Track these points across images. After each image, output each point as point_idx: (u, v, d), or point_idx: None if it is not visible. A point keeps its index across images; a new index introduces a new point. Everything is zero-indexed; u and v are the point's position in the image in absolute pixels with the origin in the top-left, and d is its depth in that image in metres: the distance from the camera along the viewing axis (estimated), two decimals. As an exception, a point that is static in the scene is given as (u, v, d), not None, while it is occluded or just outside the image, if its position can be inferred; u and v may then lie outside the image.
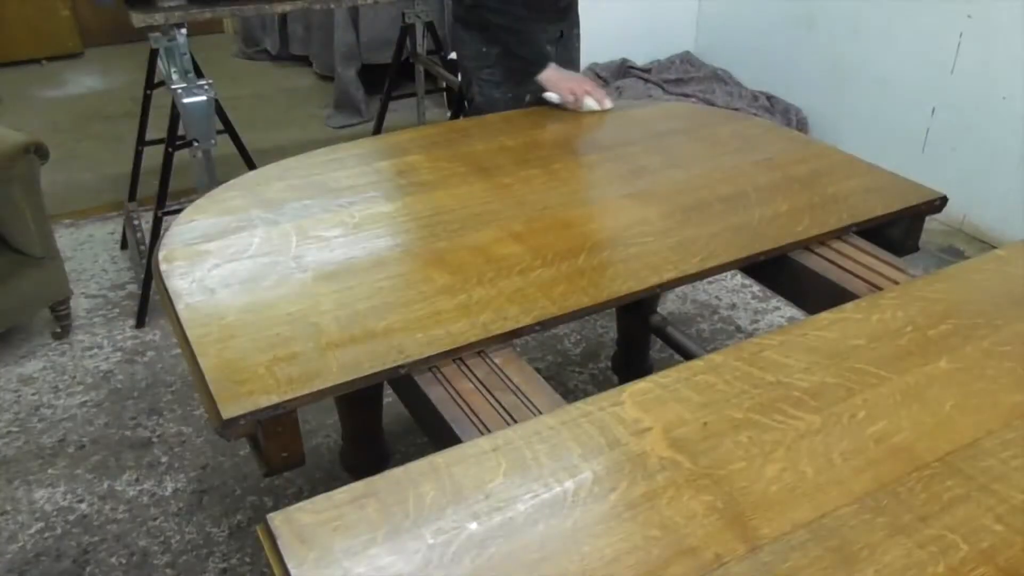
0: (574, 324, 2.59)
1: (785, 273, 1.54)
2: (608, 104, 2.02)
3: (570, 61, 2.28)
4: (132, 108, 3.91)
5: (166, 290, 1.31)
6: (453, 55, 3.58)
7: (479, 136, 1.88)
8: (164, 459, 2.10)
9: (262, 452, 1.12)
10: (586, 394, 2.02)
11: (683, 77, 3.91)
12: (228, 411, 1.05)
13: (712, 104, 3.59)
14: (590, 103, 2.01)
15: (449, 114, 3.31)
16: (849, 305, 1.30)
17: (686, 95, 3.77)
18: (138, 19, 2.17)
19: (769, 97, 3.71)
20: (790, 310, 2.68)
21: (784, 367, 1.15)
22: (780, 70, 3.72)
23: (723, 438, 1.02)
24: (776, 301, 2.73)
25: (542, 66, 2.03)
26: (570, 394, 2.28)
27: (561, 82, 2.02)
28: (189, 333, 1.20)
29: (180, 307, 1.26)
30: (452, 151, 1.80)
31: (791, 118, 3.60)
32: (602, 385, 2.35)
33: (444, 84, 3.97)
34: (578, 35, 2.33)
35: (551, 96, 2.03)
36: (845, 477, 0.97)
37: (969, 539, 0.90)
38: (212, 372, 1.12)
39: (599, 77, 3.89)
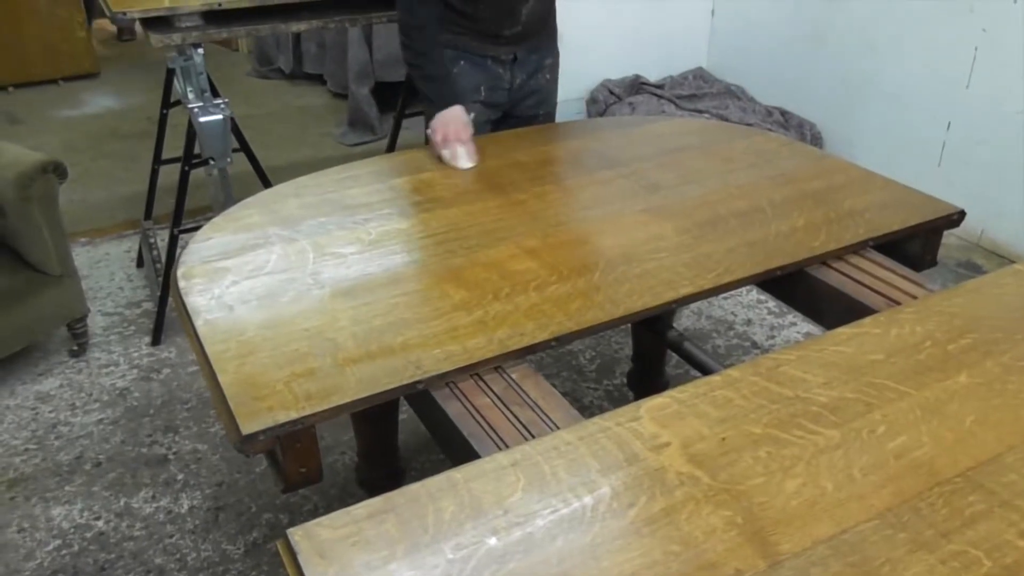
0: (589, 340, 2.59)
1: (802, 288, 1.54)
2: (466, 164, 1.81)
3: (535, 92, 2.12)
4: (148, 127, 3.97)
5: (184, 307, 1.33)
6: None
7: (492, 152, 1.90)
8: (180, 476, 2.11)
9: (280, 468, 1.13)
10: (601, 410, 2.02)
11: (696, 93, 3.93)
12: (247, 427, 1.06)
13: (726, 120, 3.60)
14: (462, 159, 1.81)
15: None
16: (867, 320, 1.30)
17: (699, 111, 3.78)
18: (156, 40, 2.20)
19: (783, 112, 3.72)
20: (806, 325, 2.68)
21: (802, 382, 1.15)
22: (794, 85, 3.73)
23: (742, 453, 1.02)
24: (792, 316, 2.73)
25: (442, 105, 1.87)
26: (585, 410, 2.28)
27: (439, 125, 1.85)
28: (208, 349, 1.21)
29: (199, 323, 1.27)
30: (466, 168, 1.81)
31: (805, 133, 3.60)
32: (617, 401, 2.35)
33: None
34: (551, 65, 2.15)
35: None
36: (865, 492, 0.97)
37: (992, 555, 0.90)
38: (231, 388, 1.13)
39: (612, 94, 3.91)
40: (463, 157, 1.82)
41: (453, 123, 1.85)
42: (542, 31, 2.10)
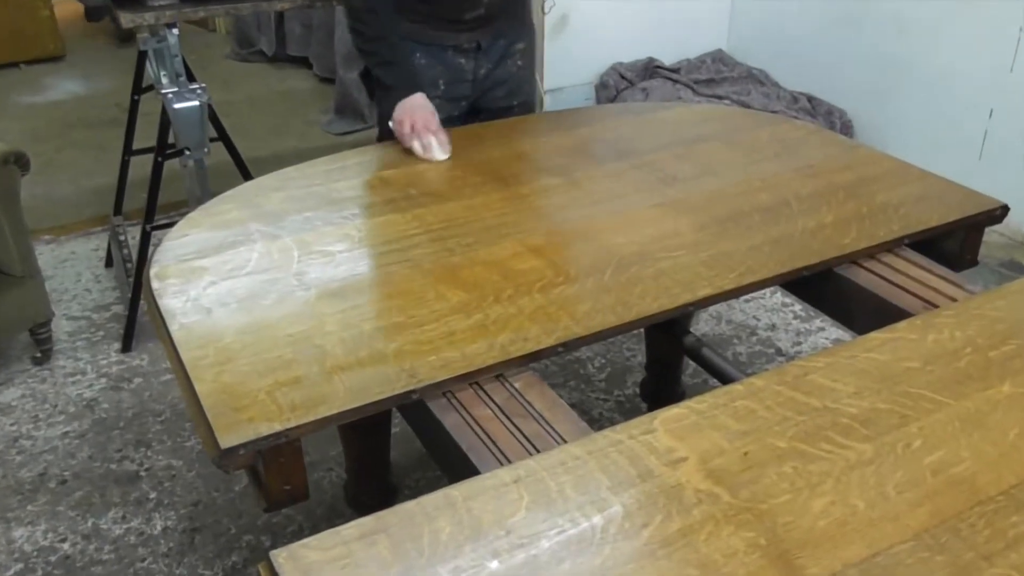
0: (598, 346, 2.59)
1: (830, 290, 1.55)
2: (440, 155, 1.81)
3: (504, 81, 2.08)
4: (118, 115, 3.98)
5: (158, 310, 1.33)
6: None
7: (494, 142, 1.90)
8: (153, 495, 2.11)
9: (263, 485, 1.13)
10: (612, 423, 2.02)
11: (715, 77, 3.93)
12: (226, 440, 1.06)
13: (748, 107, 3.60)
14: (435, 151, 1.80)
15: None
16: (902, 324, 1.30)
17: (719, 97, 3.78)
18: (127, 19, 2.21)
19: (810, 99, 3.72)
20: (836, 331, 2.68)
21: (831, 392, 1.15)
22: (822, 69, 3.73)
23: (765, 469, 1.02)
24: (820, 321, 2.73)
25: (404, 93, 1.85)
26: (594, 423, 2.28)
27: (404, 114, 1.83)
28: (183, 356, 1.21)
29: (174, 328, 1.28)
30: (465, 159, 1.82)
31: (835, 121, 3.60)
32: (629, 413, 2.35)
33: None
34: (523, 51, 2.10)
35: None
36: (900, 512, 0.97)
37: (1038, 580, 0.90)
38: (209, 398, 1.13)
39: (623, 78, 3.92)
40: (436, 148, 1.80)
41: (419, 111, 1.83)
42: (509, 13, 2.05)
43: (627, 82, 3.93)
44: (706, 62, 4.08)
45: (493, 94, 2.10)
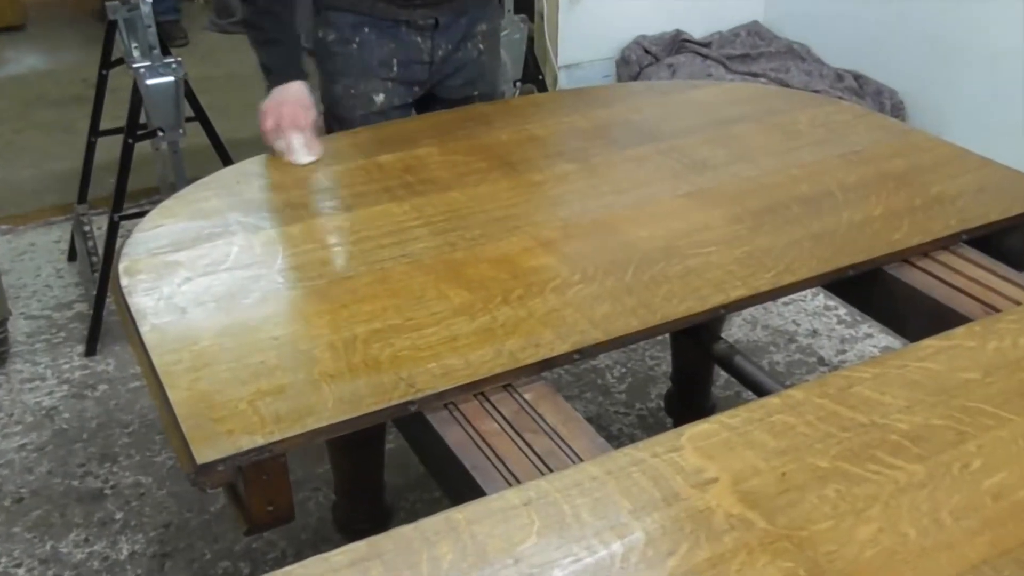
0: (618, 354, 2.59)
1: (879, 291, 1.54)
2: (306, 158, 1.74)
3: (464, 67, 2.04)
4: (84, 91, 3.99)
5: (127, 309, 1.34)
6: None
7: (502, 123, 1.90)
8: (119, 515, 2.12)
9: (243, 505, 1.13)
10: (633, 439, 2.02)
11: (751, 53, 3.93)
12: (203, 454, 1.07)
13: (787, 85, 3.60)
14: (299, 153, 1.74)
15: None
16: (959, 330, 1.29)
17: (754, 74, 3.78)
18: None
19: (857, 77, 3.72)
20: (885, 338, 2.67)
21: (879, 406, 1.15)
22: (871, 44, 3.72)
23: (805, 492, 1.02)
24: (867, 326, 2.73)
25: (280, 79, 1.81)
26: (613, 440, 2.28)
27: (272, 106, 1.79)
28: (156, 361, 1.22)
29: (145, 329, 1.28)
30: (470, 142, 1.82)
31: (884, 102, 3.60)
32: (652, 429, 2.35)
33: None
34: (488, 33, 2.07)
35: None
36: (956, 540, 0.97)
37: (1112, 619, 0.90)
38: (183, 407, 1.14)
39: (648, 53, 3.91)
40: (299, 149, 1.74)
41: (289, 104, 1.77)
42: None
43: (652, 58, 3.93)
44: (740, 35, 4.08)
45: (451, 81, 2.06)
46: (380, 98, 1.97)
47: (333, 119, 2.02)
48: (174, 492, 2.18)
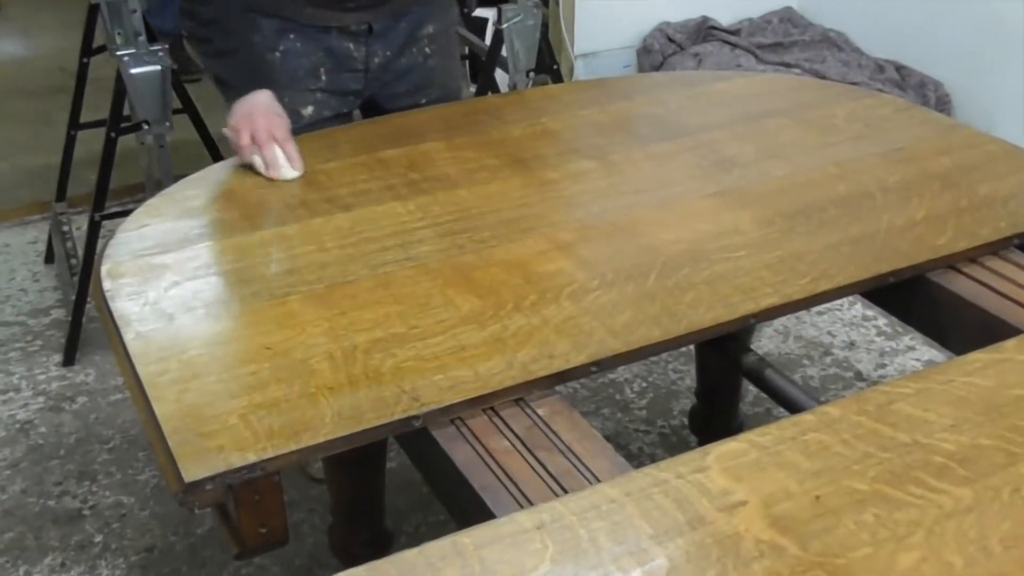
0: (638, 366, 2.59)
1: (922, 300, 1.54)
2: (289, 173, 1.69)
3: (408, 72, 2.02)
4: (63, 81, 4.00)
5: (110, 315, 1.34)
6: (480, 11, 3.64)
7: (515, 117, 1.91)
8: (98, 538, 2.13)
9: (233, 527, 1.14)
10: (654, 459, 2.01)
11: (783, 41, 3.93)
12: (191, 472, 1.07)
13: (822, 77, 3.59)
14: (283, 168, 1.68)
15: (474, 88, 3.34)
16: (1010, 342, 1.29)
17: (787, 65, 3.78)
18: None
19: (899, 68, 3.71)
20: (929, 351, 2.67)
21: (923, 424, 1.14)
22: (914, 31, 3.72)
23: (841, 516, 1.02)
24: (909, 338, 2.72)
25: (242, 91, 1.75)
26: (633, 459, 2.28)
27: (242, 118, 1.72)
28: (140, 371, 1.22)
29: (129, 337, 1.29)
30: (480, 136, 1.83)
31: (928, 95, 3.59)
32: (675, 448, 2.35)
33: (467, 50, 4.02)
34: (437, 35, 2.03)
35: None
36: (1006, 570, 0.97)
37: None
38: (170, 422, 1.14)
39: (672, 42, 3.92)
40: (283, 163, 1.68)
41: (261, 115, 1.71)
42: None
43: (676, 46, 3.93)
44: (772, 23, 4.08)
45: (393, 89, 2.03)
46: (308, 111, 1.94)
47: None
48: (158, 513, 2.18)
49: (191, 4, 1.80)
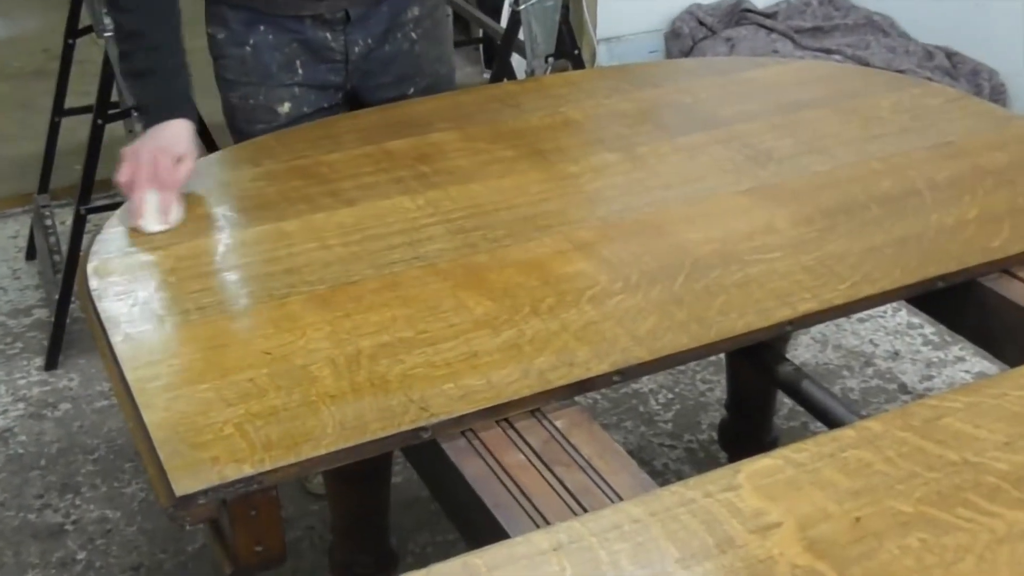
0: (664, 376, 2.59)
1: (973, 307, 1.53)
2: (155, 225, 1.53)
3: (393, 61, 1.99)
4: (46, 64, 4.03)
5: (97, 316, 1.35)
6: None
7: (532, 105, 1.91)
8: (81, 555, 2.14)
9: (227, 544, 1.14)
10: (681, 476, 2.02)
11: (823, 25, 3.92)
12: (183, 485, 1.07)
13: (866, 64, 3.59)
14: (147, 218, 1.53)
15: (488, 75, 3.36)
16: (1068, 354, 1.29)
17: (828, 51, 3.77)
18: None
19: (949, 54, 3.70)
20: (980, 362, 2.66)
21: (973, 441, 1.14)
22: (966, 15, 3.70)
23: (884, 540, 1.02)
24: (959, 348, 2.71)
25: (155, 119, 1.65)
26: (658, 476, 2.28)
27: (136, 151, 1.61)
28: (129, 376, 1.23)
29: (117, 339, 1.29)
30: (494, 127, 1.83)
31: (982, 84, 3.58)
32: (704, 465, 2.35)
33: (481, 32, 4.03)
34: (422, 18, 1.99)
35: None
36: (1063, 601, 0.96)
37: None
38: (161, 431, 1.14)
39: (702, 25, 3.91)
40: (149, 212, 1.53)
41: (152, 151, 1.59)
42: None
43: (707, 30, 3.93)
44: (812, 5, 4.07)
45: (377, 80, 2.00)
46: (285, 108, 1.92)
47: (232, 132, 1.98)
48: (145, 529, 2.19)
49: (114, 12, 1.73)
